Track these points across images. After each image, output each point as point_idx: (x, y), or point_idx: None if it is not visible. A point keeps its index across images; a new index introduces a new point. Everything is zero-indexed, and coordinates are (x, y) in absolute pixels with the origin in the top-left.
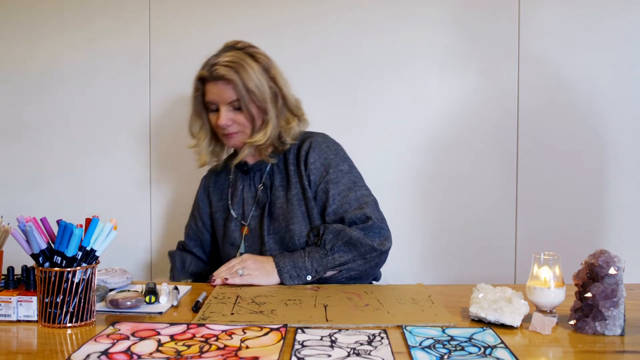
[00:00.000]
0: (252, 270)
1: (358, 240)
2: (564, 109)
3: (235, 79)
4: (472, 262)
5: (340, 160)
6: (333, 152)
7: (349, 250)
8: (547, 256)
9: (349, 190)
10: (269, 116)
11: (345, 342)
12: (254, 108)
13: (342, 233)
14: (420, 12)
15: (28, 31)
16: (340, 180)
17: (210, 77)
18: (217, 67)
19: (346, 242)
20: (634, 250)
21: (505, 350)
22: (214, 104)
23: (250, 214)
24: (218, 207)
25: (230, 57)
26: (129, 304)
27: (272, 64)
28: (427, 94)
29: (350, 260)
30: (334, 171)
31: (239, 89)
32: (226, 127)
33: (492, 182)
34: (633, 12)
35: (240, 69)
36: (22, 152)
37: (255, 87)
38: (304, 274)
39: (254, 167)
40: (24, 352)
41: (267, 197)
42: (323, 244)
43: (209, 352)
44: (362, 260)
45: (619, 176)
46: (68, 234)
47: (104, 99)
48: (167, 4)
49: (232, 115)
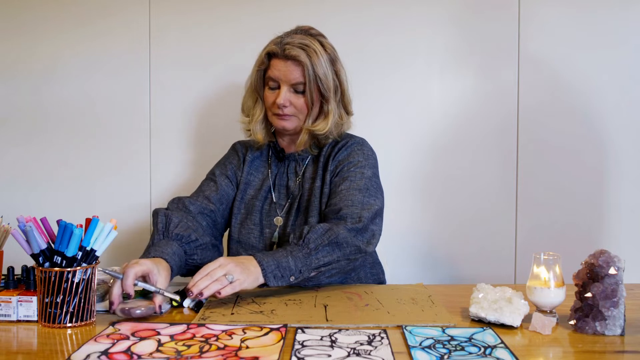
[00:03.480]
0: (239, 274)
1: (345, 240)
2: (564, 108)
3: (306, 61)
4: (472, 262)
5: (366, 165)
6: (363, 155)
7: (333, 250)
8: (547, 256)
9: (359, 192)
10: (331, 106)
11: (345, 342)
12: (316, 95)
13: (329, 232)
14: (420, 12)
15: (28, 31)
16: (355, 179)
17: (281, 54)
18: (290, 47)
19: (331, 242)
20: (634, 250)
21: (505, 350)
22: (276, 81)
23: (280, 203)
24: (247, 181)
25: (304, 39)
26: (139, 312)
27: (338, 57)
28: (427, 94)
29: (334, 260)
30: (354, 170)
31: (308, 73)
32: (282, 108)
33: (492, 182)
34: (633, 12)
35: (312, 54)
36: (22, 152)
37: (323, 75)
38: (287, 274)
39: (289, 157)
40: (24, 352)
41: (299, 189)
42: (306, 243)
43: (209, 352)
44: (346, 262)
45: (619, 176)
46: (68, 234)
47: (104, 99)
48: (167, 4)
49: (291, 96)
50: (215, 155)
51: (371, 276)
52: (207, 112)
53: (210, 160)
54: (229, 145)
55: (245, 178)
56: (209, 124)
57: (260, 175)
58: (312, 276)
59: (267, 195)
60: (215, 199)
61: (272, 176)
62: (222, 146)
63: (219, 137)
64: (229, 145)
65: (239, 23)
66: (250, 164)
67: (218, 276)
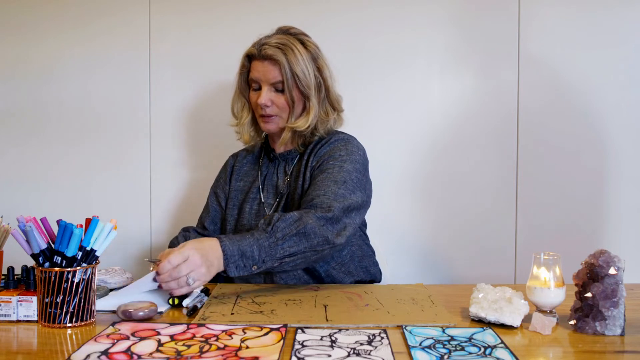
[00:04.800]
0: (201, 276)
1: (312, 230)
2: (564, 108)
3: (282, 60)
4: (472, 262)
5: (348, 160)
6: (346, 150)
7: (300, 241)
8: (547, 256)
9: (334, 184)
10: (312, 103)
11: (345, 342)
12: (295, 92)
13: (297, 222)
14: (420, 12)
15: (28, 30)
16: (332, 172)
17: (258, 55)
18: (266, 47)
19: (299, 232)
20: (634, 250)
21: (505, 350)
22: (257, 82)
23: (269, 203)
24: (236, 188)
25: (281, 39)
26: (142, 314)
27: (320, 54)
28: (427, 94)
29: (300, 251)
30: (333, 163)
31: (285, 71)
32: (264, 107)
33: (492, 182)
34: (633, 12)
35: (289, 52)
36: (22, 152)
37: (301, 72)
38: (249, 264)
39: (279, 156)
40: (24, 352)
41: (288, 188)
42: (274, 232)
43: (209, 352)
44: (312, 252)
45: (619, 176)
46: (68, 234)
47: (104, 99)
48: (167, 4)
49: (273, 96)
50: (215, 155)
51: (361, 269)
52: (207, 112)
53: (209, 160)
54: (228, 146)
55: (234, 186)
56: (208, 124)
57: (250, 178)
58: (275, 266)
59: (256, 196)
60: (208, 222)
61: (261, 177)
62: (222, 146)
63: (219, 137)
64: (228, 145)
65: (239, 23)
66: (238, 172)
67: (181, 276)
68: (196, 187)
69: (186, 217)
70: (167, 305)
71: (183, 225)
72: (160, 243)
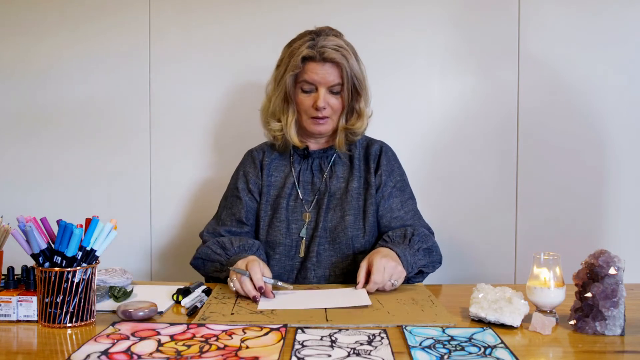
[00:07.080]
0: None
1: (435, 248)
2: (564, 108)
3: (344, 63)
4: (472, 262)
5: (403, 174)
6: (398, 165)
7: (425, 255)
8: (547, 256)
9: (413, 202)
10: (362, 104)
11: (345, 342)
12: (350, 94)
13: (428, 238)
14: (420, 12)
15: (28, 30)
16: (405, 190)
17: (318, 58)
18: (326, 49)
19: (427, 247)
20: (634, 250)
21: (505, 350)
22: (312, 84)
23: (307, 199)
24: (268, 183)
25: (335, 41)
26: (142, 314)
27: (358, 56)
28: (427, 94)
29: (424, 266)
30: (400, 180)
31: (346, 73)
32: (322, 110)
33: (492, 182)
34: (633, 11)
35: (347, 55)
36: (22, 152)
37: (359, 74)
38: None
39: (314, 154)
40: (24, 352)
41: (326, 186)
42: (411, 244)
43: (209, 352)
44: (431, 269)
45: (619, 176)
46: (68, 234)
47: (103, 98)
48: (167, 3)
49: (329, 98)
50: (215, 155)
51: None
52: (207, 112)
53: (210, 159)
54: (229, 145)
55: (266, 181)
56: (209, 124)
57: (281, 174)
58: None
59: (292, 192)
60: (246, 218)
61: (295, 173)
62: (222, 146)
63: (219, 137)
64: (229, 144)
65: (239, 23)
66: (269, 166)
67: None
68: (196, 187)
69: (186, 216)
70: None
71: (183, 225)
72: (161, 243)
